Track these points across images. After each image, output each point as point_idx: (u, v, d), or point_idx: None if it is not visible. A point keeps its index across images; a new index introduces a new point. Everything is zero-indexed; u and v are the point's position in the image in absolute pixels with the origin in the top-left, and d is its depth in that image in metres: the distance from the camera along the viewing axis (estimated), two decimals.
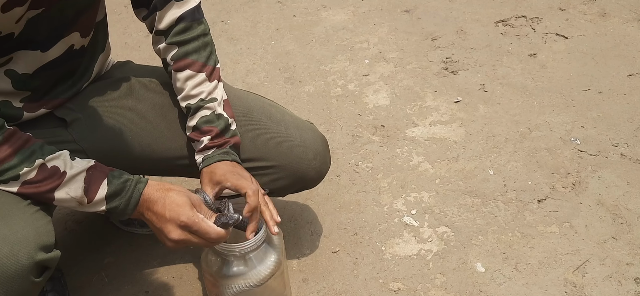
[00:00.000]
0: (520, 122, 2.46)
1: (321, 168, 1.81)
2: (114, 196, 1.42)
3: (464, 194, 2.18)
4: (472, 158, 2.33)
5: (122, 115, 1.69)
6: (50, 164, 1.39)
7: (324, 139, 1.84)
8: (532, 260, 1.95)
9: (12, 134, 1.38)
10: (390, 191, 2.22)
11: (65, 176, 1.39)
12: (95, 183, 1.41)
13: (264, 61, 2.93)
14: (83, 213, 2.19)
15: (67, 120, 1.64)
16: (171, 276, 1.98)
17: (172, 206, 1.41)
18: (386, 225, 2.10)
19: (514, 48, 2.88)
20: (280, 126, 1.75)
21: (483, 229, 2.05)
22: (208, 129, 1.61)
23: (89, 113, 1.66)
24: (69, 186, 1.40)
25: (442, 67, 2.79)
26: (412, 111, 2.57)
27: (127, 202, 1.43)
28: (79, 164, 1.42)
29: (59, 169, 1.39)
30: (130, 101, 1.71)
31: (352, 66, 2.86)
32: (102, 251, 2.08)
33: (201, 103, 1.61)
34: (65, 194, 1.40)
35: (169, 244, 1.44)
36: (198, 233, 1.42)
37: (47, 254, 1.39)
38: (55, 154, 1.40)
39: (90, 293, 1.95)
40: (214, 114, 1.62)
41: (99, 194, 1.41)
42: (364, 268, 1.97)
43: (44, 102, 1.59)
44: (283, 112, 1.81)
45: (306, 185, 1.83)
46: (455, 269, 1.94)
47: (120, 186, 1.42)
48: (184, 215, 1.41)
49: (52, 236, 1.41)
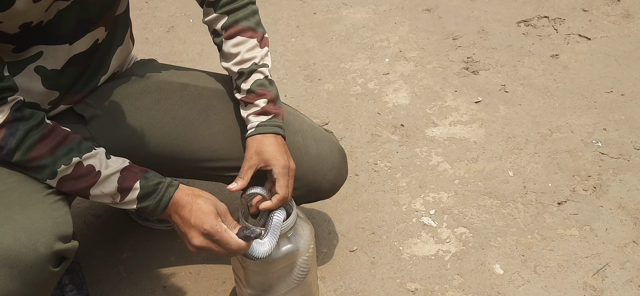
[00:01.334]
0: (541, 124, 2.45)
1: (336, 180, 1.81)
2: (146, 198, 1.46)
3: (483, 195, 2.17)
4: (492, 158, 2.32)
5: (141, 114, 1.70)
6: (86, 163, 1.43)
7: (342, 151, 1.83)
8: (552, 262, 1.94)
9: (51, 130, 1.41)
10: (409, 190, 2.22)
11: (100, 176, 1.44)
12: (128, 183, 1.45)
13: (284, 58, 2.93)
14: (102, 206, 2.21)
15: (85, 117, 1.65)
16: (188, 273, 1.99)
17: (198, 213, 1.45)
18: (404, 225, 2.10)
19: (535, 49, 2.87)
20: (297, 136, 1.74)
21: (502, 230, 2.05)
22: (263, 92, 1.63)
23: (108, 110, 1.67)
24: (104, 185, 1.44)
25: (462, 67, 2.79)
26: (432, 111, 2.56)
27: (157, 204, 1.46)
28: (114, 164, 1.46)
29: (95, 168, 1.44)
30: (150, 100, 1.71)
31: (372, 64, 2.86)
32: (120, 245, 2.09)
33: (255, 67, 1.64)
34: (99, 192, 1.45)
35: (191, 248, 1.47)
36: (219, 243, 1.45)
37: (65, 244, 1.41)
38: (92, 153, 1.44)
39: (108, 287, 1.97)
40: (267, 79, 1.65)
41: (131, 195, 1.46)
42: (382, 267, 1.97)
43: (63, 98, 1.60)
44: (302, 121, 1.80)
45: (320, 196, 1.83)
46: (474, 270, 1.93)
47: (152, 188, 1.46)
48: (207, 223, 1.44)
49: (70, 226, 1.44)
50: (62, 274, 1.46)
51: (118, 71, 1.75)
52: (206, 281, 1.96)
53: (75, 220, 2.10)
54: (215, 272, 1.98)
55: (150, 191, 1.46)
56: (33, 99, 1.52)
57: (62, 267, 1.43)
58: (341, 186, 1.85)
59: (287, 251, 1.61)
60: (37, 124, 1.40)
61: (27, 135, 1.39)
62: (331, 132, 1.86)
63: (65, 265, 1.44)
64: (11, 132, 1.37)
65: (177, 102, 1.72)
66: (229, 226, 1.47)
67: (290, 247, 1.61)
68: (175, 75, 1.78)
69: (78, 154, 1.42)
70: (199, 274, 1.98)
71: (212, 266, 2.00)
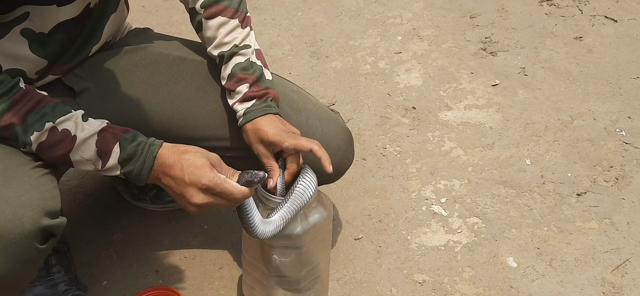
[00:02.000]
0: (562, 110, 2.46)
1: (341, 164, 1.81)
2: (128, 161, 1.45)
3: (498, 184, 2.19)
4: (508, 145, 2.33)
5: (135, 88, 1.71)
6: (61, 127, 1.43)
7: (348, 133, 1.84)
8: (569, 256, 1.95)
9: (23, 95, 1.41)
10: (419, 177, 2.23)
11: (76, 140, 1.43)
12: (107, 146, 1.44)
13: (289, 33, 2.94)
14: (92, 185, 2.23)
15: (75, 90, 1.66)
16: (183, 256, 2.01)
17: (190, 169, 1.42)
18: (413, 213, 2.11)
19: (558, 30, 2.87)
20: (300, 115, 1.75)
21: (517, 222, 2.06)
22: (244, 76, 1.62)
23: (99, 83, 1.68)
24: (82, 149, 1.44)
25: (480, 48, 2.79)
26: (445, 93, 2.57)
27: (141, 166, 1.45)
28: (90, 126, 1.45)
29: (70, 133, 1.43)
30: (144, 74, 1.72)
31: (383, 42, 2.86)
32: (112, 226, 2.11)
33: (235, 49, 1.63)
34: (79, 157, 1.44)
35: (192, 209, 1.45)
36: (222, 195, 1.43)
37: (52, 220, 1.42)
38: (66, 116, 1.43)
39: (98, 269, 1.98)
40: (249, 61, 1.64)
41: (112, 159, 1.45)
42: (388, 257, 1.98)
43: (52, 68, 1.61)
44: (306, 99, 1.80)
45: (324, 181, 1.83)
46: (485, 263, 1.95)
47: (132, 150, 1.45)
48: (205, 178, 1.41)
49: (58, 201, 1.45)
50: (49, 252, 1.47)
51: (111, 40, 1.76)
52: (202, 266, 1.98)
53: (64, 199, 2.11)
54: (212, 257, 2.00)
55: (131, 154, 1.44)
56: (19, 65, 1.52)
57: (49, 244, 1.44)
58: (346, 170, 1.86)
59: (314, 221, 1.62)
60: (8, 90, 1.40)
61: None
62: (337, 112, 1.87)
63: (52, 243, 1.45)
64: None
65: (174, 77, 1.73)
66: (227, 175, 1.45)
67: (318, 216, 1.63)
68: (172, 47, 1.78)
69: (51, 119, 1.42)
70: (194, 258, 2.00)
71: (208, 251, 2.02)
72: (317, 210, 1.63)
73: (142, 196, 2.13)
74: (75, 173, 2.25)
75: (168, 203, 2.12)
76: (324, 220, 1.64)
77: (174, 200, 2.09)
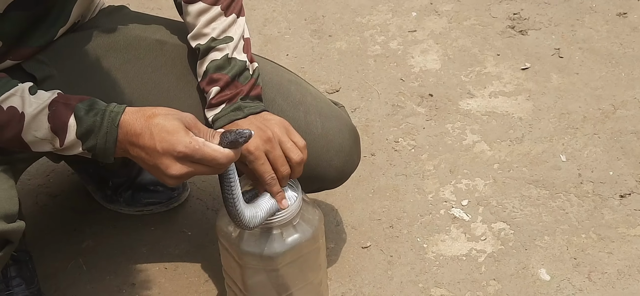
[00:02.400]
0: (603, 98, 2.45)
1: (345, 167, 1.81)
2: (88, 134, 1.41)
3: (529, 184, 2.18)
4: (540, 139, 2.33)
5: (106, 76, 1.70)
6: (6, 105, 1.39)
7: (353, 131, 1.83)
8: (610, 268, 1.95)
9: None
10: (437, 175, 2.23)
11: (25, 118, 1.40)
12: (60, 121, 1.40)
13: (286, 8, 2.94)
14: (58, 185, 2.23)
15: (37, 77, 1.65)
16: (164, 268, 2.01)
17: (162, 135, 1.37)
18: (430, 218, 2.11)
19: (599, 5, 2.86)
20: (298, 110, 1.74)
21: (550, 227, 2.06)
22: (217, 77, 1.61)
23: (65, 70, 1.67)
24: (33, 128, 1.40)
25: (507, 25, 2.79)
26: (467, 79, 2.57)
27: (104, 139, 1.40)
28: (39, 99, 1.41)
29: (18, 110, 1.40)
30: (117, 60, 1.71)
31: (395, 19, 2.86)
32: (80, 232, 2.11)
33: (212, 43, 1.62)
34: (33, 137, 1.41)
35: (170, 181, 1.41)
36: (203, 161, 1.38)
37: (8, 224, 1.42)
38: (10, 91, 1.40)
39: (65, 282, 1.98)
40: (227, 58, 1.62)
41: (69, 135, 1.40)
42: (401, 268, 1.98)
43: (10, 51, 1.60)
44: (305, 91, 1.79)
45: (324, 186, 1.84)
46: (513, 275, 1.95)
47: (90, 122, 1.40)
48: (180, 144, 1.37)
49: (15, 203, 1.45)
50: (5, 261, 1.47)
51: (79, 21, 1.75)
52: (185, 278, 1.98)
53: (25, 200, 2.12)
54: (196, 268, 2.00)
55: (90, 126, 1.40)
56: None
57: (5, 253, 1.44)
58: (351, 174, 1.86)
59: (294, 242, 1.62)
60: None
61: None
62: (342, 106, 1.87)
63: (9, 251, 1.45)
64: None
65: (151, 64, 1.73)
66: (205, 137, 1.40)
67: (298, 237, 1.62)
68: (150, 29, 1.77)
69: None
70: (176, 270, 2.00)
71: (192, 261, 2.02)
72: (297, 228, 1.63)
73: (116, 197, 2.13)
74: (39, 170, 2.25)
75: (146, 205, 2.12)
76: (306, 241, 1.63)
77: (152, 203, 2.10)
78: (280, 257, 1.62)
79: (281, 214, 1.58)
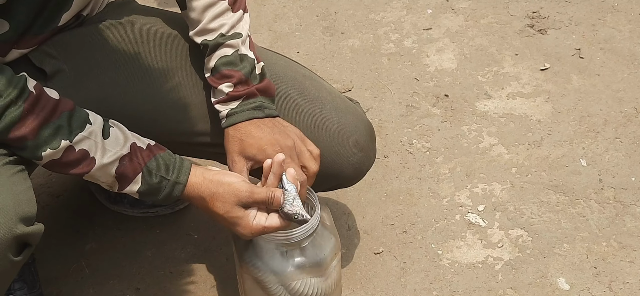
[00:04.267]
0: (625, 101, 2.44)
1: (361, 164, 1.81)
2: (147, 194, 1.53)
3: (547, 189, 2.17)
4: (560, 143, 2.32)
5: (117, 72, 1.70)
6: (78, 147, 1.45)
7: (369, 127, 1.84)
8: (632, 278, 1.94)
9: (35, 102, 1.41)
10: (452, 179, 2.22)
11: (94, 164, 1.47)
12: (127, 174, 1.50)
13: (298, 4, 2.94)
14: (60, 185, 2.23)
15: (47, 72, 1.65)
16: (169, 272, 2.01)
17: (223, 221, 1.55)
18: (445, 223, 2.10)
19: (621, 4, 2.85)
20: (314, 106, 1.75)
21: (570, 235, 2.05)
22: (229, 73, 1.62)
23: (75, 65, 1.67)
24: (99, 174, 1.49)
25: (526, 24, 2.78)
26: (485, 79, 2.56)
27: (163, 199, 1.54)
28: (112, 147, 1.49)
29: (89, 154, 1.46)
30: (128, 54, 1.72)
31: (410, 16, 2.85)
32: (84, 234, 2.11)
33: (221, 39, 1.63)
34: (95, 178, 1.50)
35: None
36: None
37: (28, 227, 1.42)
38: (85, 133, 1.46)
39: (67, 286, 1.98)
40: (237, 54, 1.63)
41: (131, 188, 1.52)
42: (414, 275, 1.98)
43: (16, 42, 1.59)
44: (320, 86, 1.80)
45: (340, 184, 1.85)
46: (531, 284, 1.94)
47: (155, 184, 1.52)
48: (242, 234, 1.55)
49: (33, 205, 1.45)
50: (22, 265, 1.47)
51: (86, 12, 1.75)
52: (191, 283, 1.98)
53: None
54: (202, 273, 2.00)
55: (154, 188, 1.52)
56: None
57: (25, 256, 1.45)
58: (367, 171, 1.86)
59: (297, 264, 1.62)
60: (17, 96, 1.39)
61: (5, 113, 1.39)
62: (356, 102, 1.87)
63: (27, 254, 1.45)
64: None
65: (162, 58, 1.73)
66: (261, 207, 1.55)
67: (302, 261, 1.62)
68: (160, 23, 1.77)
69: (68, 137, 1.43)
70: (182, 274, 2.00)
71: (199, 265, 2.02)
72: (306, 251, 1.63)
73: (120, 198, 2.13)
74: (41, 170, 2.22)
75: (150, 207, 2.12)
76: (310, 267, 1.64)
77: (157, 204, 2.09)
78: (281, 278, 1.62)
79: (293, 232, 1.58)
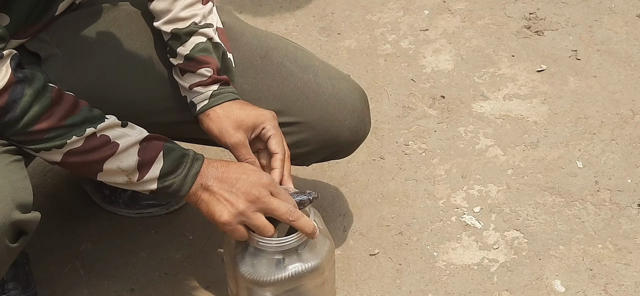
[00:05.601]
0: (622, 102, 2.45)
1: (358, 127, 1.83)
2: (168, 175, 1.52)
3: (543, 191, 2.18)
4: (556, 144, 2.32)
5: (110, 52, 1.71)
6: (100, 134, 1.47)
7: (363, 93, 1.86)
8: (627, 280, 1.94)
9: (60, 95, 1.46)
10: (448, 181, 2.23)
11: (117, 148, 1.48)
12: (150, 155, 1.51)
13: (294, 4, 2.94)
14: (54, 185, 2.23)
15: (41, 55, 1.65)
16: (164, 273, 2.01)
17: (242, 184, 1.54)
18: (440, 224, 2.11)
19: (618, 5, 2.86)
20: (307, 73, 1.78)
21: (565, 237, 2.05)
22: (206, 59, 1.65)
23: (68, 48, 1.68)
24: (121, 158, 1.49)
25: (523, 25, 2.78)
26: (481, 80, 2.56)
27: (184, 178, 1.53)
28: (132, 134, 1.51)
29: (110, 139, 1.48)
30: (119, 35, 1.72)
31: (407, 17, 2.86)
32: (78, 234, 2.11)
33: (194, 28, 1.65)
34: (115, 167, 1.49)
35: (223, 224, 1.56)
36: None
37: (24, 214, 1.44)
38: (106, 123, 1.49)
39: (62, 286, 1.98)
40: (211, 42, 1.67)
41: (152, 171, 1.51)
42: (409, 277, 1.98)
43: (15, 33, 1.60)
44: (311, 56, 1.83)
45: (338, 151, 1.86)
46: (527, 286, 1.94)
47: (177, 162, 1.53)
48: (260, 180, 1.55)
49: (30, 193, 1.47)
50: (18, 253, 1.49)
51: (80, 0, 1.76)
52: (186, 283, 1.98)
53: None
54: (197, 274, 2.00)
55: (176, 164, 1.52)
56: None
57: (21, 243, 1.46)
58: (364, 138, 1.88)
59: (294, 271, 1.61)
60: (43, 87, 1.43)
61: (34, 101, 1.42)
62: (348, 74, 1.90)
63: (23, 242, 1.47)
64: (14, 98, 1.40)
65: (153, 39, 1.74)
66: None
67: (299, 266, 1.62)
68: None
69: (92, 125, 1.46)
70: (177, 275, 2.00)
71: (194, 266, 2.02)
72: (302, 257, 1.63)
73: (115, 198, 2.13)
74: (36, 169, 2.25)
75: (145, 208, 2.12)
76: (308, 272, 1.63)
77: (152, 205, 2.10)
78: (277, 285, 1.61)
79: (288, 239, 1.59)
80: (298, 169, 2.21)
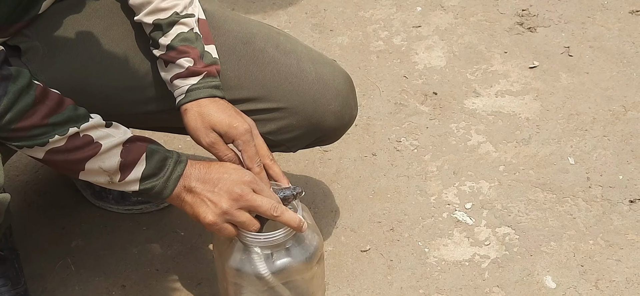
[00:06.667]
0: (614, 99, 2.45)
1: (342, 111, 1.83)
2: (150, 177, 1.54)
3: (535, 187, 2.18)
4: (548, 141, 2.32)
5: (90, 43, 1.71)
6: (83, 134, 1.49)
7: (347, 77, 1.86)
8: (618, 276, 1.95)
9: (44, 93, 1.47)
10: (440, 177, 2.23)
11: (100, 148, 1.50)
12: (132, 156, 1.53)
13: (287, 1, 2.94)
14: (45, 182, 2.22)
15: (21, 48, 1.65)
16: (155, 269, 2.01)
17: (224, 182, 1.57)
18: (432, 221, 2.11)
19: (610, 2, 2.86)
20: (290, 58, 1.78)
21: (557, 233, 2.06)
22: (186, 49, 1.65)
23: (48, 41, 1.68)
24: (103, 158, 1.51)
25: (515, 22, 2.78)
26: (473, 77, 2.57)
27: (167, 180, 1.55)
28: (115, 134, 1.53)
29: (93, 139, 1.50)
30: (99, 26, 1.72)
31: (399, 13, 2.86)
32: (69, 231, 2.11)
33: (176, 17, 1.66)
34: (97, 167, 1.51)
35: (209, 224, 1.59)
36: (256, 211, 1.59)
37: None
38: (90, 123, 1.50)
39: (53, 282, 1.98)
40: (193, 32, 1.66)
41: (134, 173, 1.53)
42: (401, 273, 1.98)
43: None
44: (295, 42, 1.84)
45: (324, 136, 1.86)
46: (518, 282, 1.95)
47: (159, 165, 1.55)
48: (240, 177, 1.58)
49: (1, 175, 1.49)
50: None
51: None
52: (177, 280, 1.98)
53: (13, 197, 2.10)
54: (190, 270, 2.00)
55: (158, 166, 1.54)
56: None
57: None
58: (350, 122, 1.89)
59: (283, 265, 1.62)
60: (27, 84, 1.45)
61: (19, 98, 1.43)
62: (333, 59, 1.89)
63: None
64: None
65: (132, 30, 1.74)
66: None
67: (288, 261, 1.63)
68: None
69: (75, 124, 1.48)
70: (168, 272, 2.00)
71: (185, 262, 2.02)
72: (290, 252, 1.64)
73: (105, 194, 2.13)
74: (27, 166, 2.25)
75: (135, 204, 2.12)
76: (297, 266, 1.64)
77: (142, 201, 2.10)
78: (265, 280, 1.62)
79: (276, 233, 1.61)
80: (289, 166, 2.22)
